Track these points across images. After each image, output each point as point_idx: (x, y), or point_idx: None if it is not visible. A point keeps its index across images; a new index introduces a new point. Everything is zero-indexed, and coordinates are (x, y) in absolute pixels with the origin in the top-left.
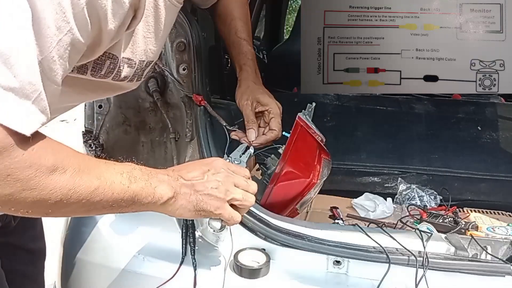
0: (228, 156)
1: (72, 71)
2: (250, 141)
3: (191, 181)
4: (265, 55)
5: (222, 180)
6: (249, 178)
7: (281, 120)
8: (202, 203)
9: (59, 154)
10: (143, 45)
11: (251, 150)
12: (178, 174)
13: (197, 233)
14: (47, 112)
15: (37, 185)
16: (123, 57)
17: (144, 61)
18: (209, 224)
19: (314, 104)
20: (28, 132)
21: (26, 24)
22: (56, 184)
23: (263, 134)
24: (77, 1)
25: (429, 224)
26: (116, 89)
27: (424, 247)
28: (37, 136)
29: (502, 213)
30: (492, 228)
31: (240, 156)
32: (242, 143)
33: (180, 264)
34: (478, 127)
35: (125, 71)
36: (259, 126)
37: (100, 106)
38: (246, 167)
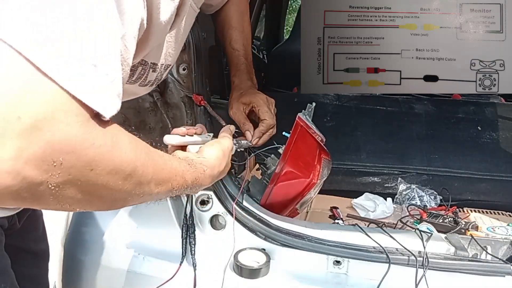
0: (237, 141)
1: None
2: (249, 141)
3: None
4: (265, 55)
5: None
6: None
7: (272, 109)
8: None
9: (134, 147)
10: (165, 49)
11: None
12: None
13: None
14: (121, 97)
15: (109, 187)
16: (150, 62)
17: (163, 64)
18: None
19: (314, 104)
20: (109, 114)
21: (110, 2)
22: (131, 184)
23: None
24: None
25: (429, 224)
26: (132, 94)
27: (424, 247)
28: (111, 123)
29: (502, 213)
30: (492, 228)
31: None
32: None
33: (180, 264)
34: (478, 127)
35: (150, 75)
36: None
37: None
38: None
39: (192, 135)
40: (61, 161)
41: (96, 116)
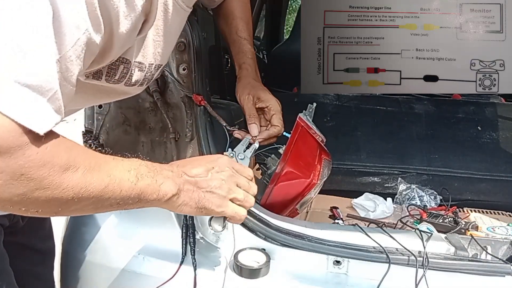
0: (232, 151)
1: (87, 77)
2: (253, 137)
3: (194, 178)
4: (265, 55)
5: (226, 178)
6: (252, 179)
7: (282, 117)
8: (204, 200)
9: (72, 152)
10: (152, 48)
11: (256, 145)
12: (182, 171)
13: (198, 234)
14: (61, 112)
15: (50, 184)
16: (134, 61)
17: (153, 64)
18: (210, 225)
19: (314, 104)
20: (42, 131)
21: (47, 22)
22: (68, 182)
23: (266, 129)
24: (91, 1)
25: (429, 224)
26: (122, 94)
27: (424, 247)
28: (50, 134)
29: (502, 213)
30: (492, 228)
31: (244, 151)
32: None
33: (180, 264)
34: (478, 127)
35: (136, 75)
36: (260, 125)
37: (100, 106)
38: (250, 163)
39: None
40: None
41: (32, 131)
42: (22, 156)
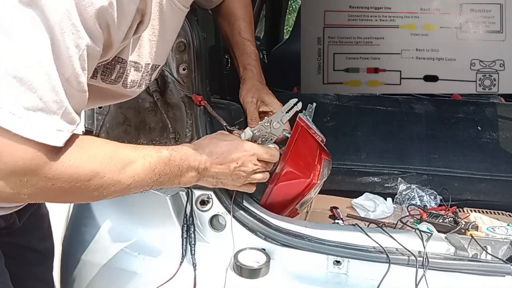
0: (266, 122)
1: None
2: None
3: (217, 173)
4: (265, 55)
5: (246, 175)
6: (276, 158)
7: None
8: (220, 185)
9: (96, 160)
10: (148, 48)
11: (299, 106)
12: (207, 166)
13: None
14: (75, 120)
15: (77, 190)
16: (130, 61)
17: (149, 64)
18: None
19: (314, 104)
20: (60, 143)
21: (46, 50)
22: (94, 186)
23: None
24: (88, 17)
25: (429, 224)
26: (120, 96)
27: (424, 247)
28: (70, 146)
29: (502, 213)
30: (492, 228)
31: (282, 118)
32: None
33: (180, 264)
34: (478, 127)
35: (132, 74)
36: None
37: (100, 106)
38: (282, 132)
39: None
40: (26, 181)
41: (54, 147)
42: (49, 171)
